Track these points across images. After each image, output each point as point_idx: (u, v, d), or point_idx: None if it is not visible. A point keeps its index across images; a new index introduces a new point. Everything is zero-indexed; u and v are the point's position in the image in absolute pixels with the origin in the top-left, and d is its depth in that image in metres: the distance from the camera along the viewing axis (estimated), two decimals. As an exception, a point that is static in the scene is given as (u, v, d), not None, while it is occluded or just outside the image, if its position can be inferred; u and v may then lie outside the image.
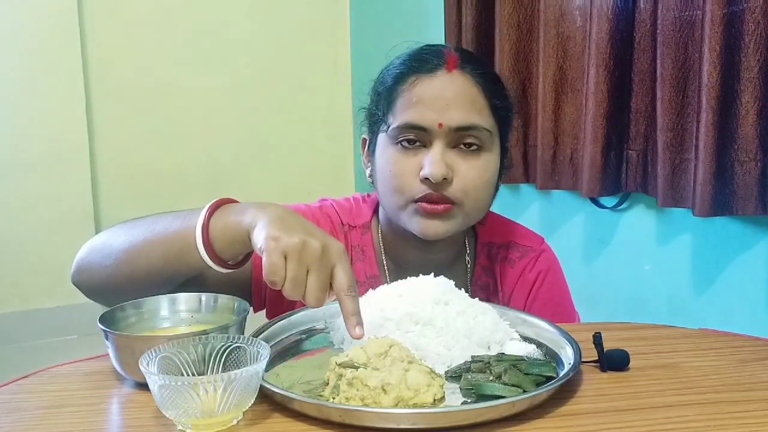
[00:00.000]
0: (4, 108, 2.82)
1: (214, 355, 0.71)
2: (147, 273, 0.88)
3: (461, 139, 0.96)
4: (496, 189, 1.04)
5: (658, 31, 1.55)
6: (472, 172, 0.96)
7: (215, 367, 0.70)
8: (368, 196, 1.12)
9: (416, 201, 0.96)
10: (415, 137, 0.97)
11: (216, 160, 3.19)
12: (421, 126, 0.96)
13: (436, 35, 2.31)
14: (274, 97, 3.26)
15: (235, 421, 0.66)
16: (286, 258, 0.74)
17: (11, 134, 2.84)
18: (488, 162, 0.98)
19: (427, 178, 0.94)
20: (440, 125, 0.95)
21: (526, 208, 2.17)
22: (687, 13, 1.49)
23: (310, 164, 3.32)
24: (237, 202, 0.87)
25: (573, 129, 1.83)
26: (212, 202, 0.85)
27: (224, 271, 0.85)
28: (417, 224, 0.97)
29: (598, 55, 1.65)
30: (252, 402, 0.67)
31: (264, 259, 0.75)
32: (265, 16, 3.21)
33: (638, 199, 1.77)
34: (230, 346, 0.71)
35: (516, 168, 2.02)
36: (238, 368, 0.65)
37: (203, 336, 0.71)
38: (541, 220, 2.11)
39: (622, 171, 1.72)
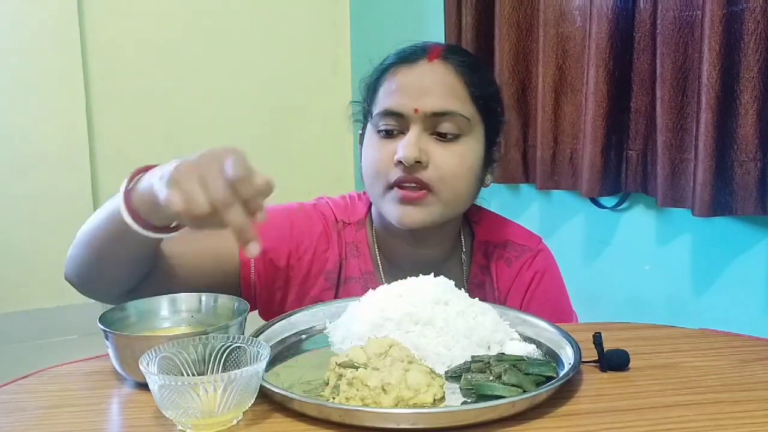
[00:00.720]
0: (4, 108, 2.82)
1: (214, 355, 0.71)
2: (108, 254, 0.87)
3: (438, 125, 0.97)
4: (482, 182, 1.05)
5: (657, 31, 1.55)
6: (449, 159, 0.97)
7: (215, 367, 0.70)
8: (363, 193, 1.13)
9: (392, 186, 0.97)
10: (394, 123, 0.98)
11: (216, 160, 3.18)
12: (398, 112, 0.97)
13: (436, 35, 2.31)
14: (274, 96, 3.26)
15: (235, 421, 0.66)
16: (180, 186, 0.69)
17: (11, 134, 2.84)
18: (467, 150, 0.99)
19: (400, 162, 0.95)
20: (416, 110, 0.96)
21: (526, 208, 2.17)
22: (687, 13, 1.49)
23: (310, 165, 3.32)
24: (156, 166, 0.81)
25: (573, 129, 1.83)
26: (132, 171, 0.81)
27: (159, 236, 0.81)
28: (394, 212, 0.98)
29: (597, 55, 1.65)
30: (252, 402, 0.67)
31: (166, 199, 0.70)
32: (265, 16, 3.21)
33: (638, 199, 1.77)
34: (230, 346, 0.71)
35: (516, 168, 2.02)
36: (239, 368, 0.65)
37: (203, 336, 0.71)
38: (541, 220, 2.11)
39: (622, 171, 1.72)
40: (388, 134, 0.99)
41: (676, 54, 1.51)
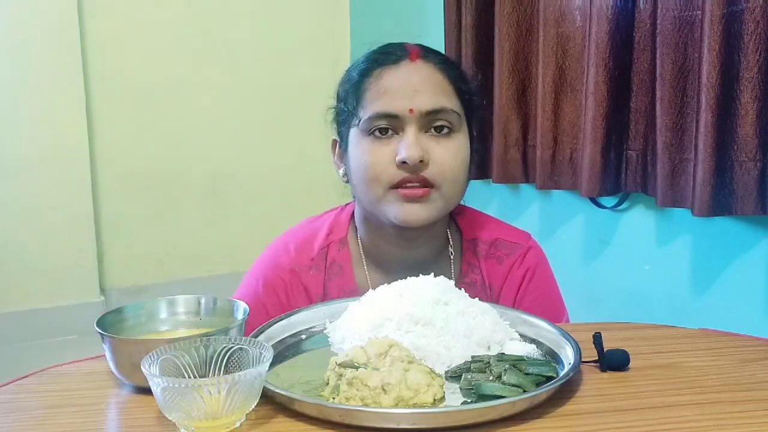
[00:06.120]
0: (4, 108, 2.82)
1: (215, 357, 0.70)
2: None
3: (432, 122, 0.98)
4: (470, 175, 1.05)
5: (657, 31, 1.55)
6: (446, 154, 0.98)
7: (217, 369, 0.70)
8: (346, 206, 1.13)
9: (394, 187, 0.97)
10: (388, 125, 0.98)
11: (216, 160, 3.18)
12: (393, 113, 0.97)
13: (436, 35, 2.31)
14: (274, 97, 3.25)
15: (237, 423, 0.66)
16: None
17: (11, 135, 2.84)
18: (460, 144, 1.00)
19: (404, 162, 0.96)
20: (411, 111, 0.97)
21: (526, 208, 2.17)
22: (686, 13, 1.49)
23: (310, 164, 3.32)
24: None
25: (572, 129, 1.83)
26: None
27: None
28: (397, 211, 0.98)
29: (597, 55, 1.65)
30: (255, 404, 0.67)
31: None
32: (265, 16, 3.21)
33: (638, 199, 1.77)
34: (232, 347, 0.71)
35: (516, 168, 2.02)
36: (241, 370, 0.65)
37: (204, 338, 0.71)
38: (541, 220, 2.11)
39: (622, 171, 1.72)
40: (381, 136, 0.99)
41: (676, 54, 1.51)
